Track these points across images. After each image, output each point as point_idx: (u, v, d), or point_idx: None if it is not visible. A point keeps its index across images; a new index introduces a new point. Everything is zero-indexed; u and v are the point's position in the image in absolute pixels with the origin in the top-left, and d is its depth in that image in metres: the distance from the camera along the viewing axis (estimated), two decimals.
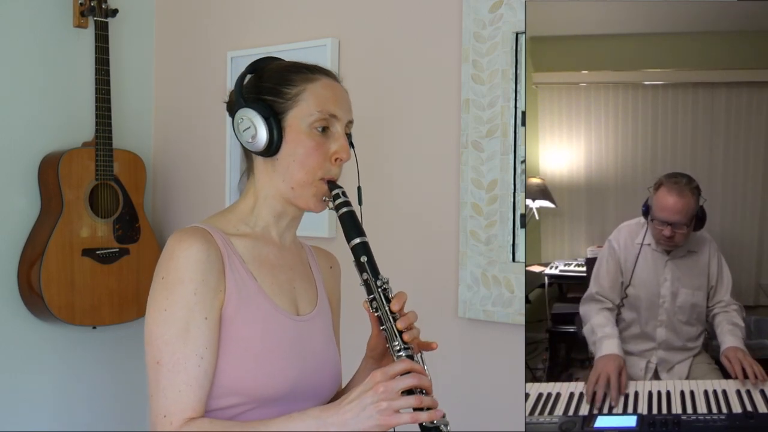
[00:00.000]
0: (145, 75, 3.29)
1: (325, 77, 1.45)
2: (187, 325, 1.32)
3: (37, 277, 2.81)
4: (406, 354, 1.34)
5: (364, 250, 1.40)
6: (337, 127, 1.43)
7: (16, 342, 2.92)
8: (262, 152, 1.42)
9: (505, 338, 2.25)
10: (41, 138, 2.97)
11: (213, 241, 1.37)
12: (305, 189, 1.42)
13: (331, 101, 1.42)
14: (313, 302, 1.51)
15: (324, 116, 1.41)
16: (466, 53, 2.31)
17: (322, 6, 2.73)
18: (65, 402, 3.04)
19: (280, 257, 1.48)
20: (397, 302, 1.38)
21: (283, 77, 1.43)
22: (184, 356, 1.31)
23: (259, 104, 1.41)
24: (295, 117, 1.41)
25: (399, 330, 1.36)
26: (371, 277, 1.38)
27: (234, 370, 1.36)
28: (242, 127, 1.42)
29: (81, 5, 2.98)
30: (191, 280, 1.33)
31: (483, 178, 2.28)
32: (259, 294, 1.41)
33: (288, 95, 1.41)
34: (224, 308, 1.36)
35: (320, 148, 1.41)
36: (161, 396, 1.31)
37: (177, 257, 1.33)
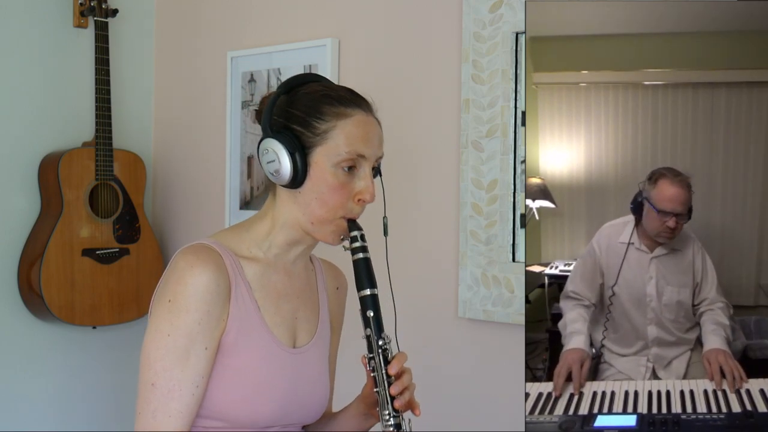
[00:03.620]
0: (145, 75, 3.29)
1: (358, 112, 1.40)
2: (188, 354, 1.31)
3: (37, 277, 2.81)
4: (393, 422, 1.35)
5: (372, 304, 1.38)
6: (365, 167, 1.40)
7: (16, 342, 2.92)
8: (285, 185, 1.39)
9: (505, 338, 2.26)
10: (41, 138, 2.97)
11: (223, 267, 1.35)
12: (324, 226, 1.39)
13: (360, 141, 1.38)
14: (312, 332, 1.50)
15: (352, 157, 1.37)
16: (466, 53, 2.31)
17: (322, 6, 2.73)
18: (65, 402, 3.04)
19: (287, 285, 1.46)
20: (395, 366, 1.36)
21: (315, 108, 1.38)
22: (180, 384, 1.31)
23: (286, 136, 1.36)
24: (321, 154, 1.36)
25: (392, 397, 1.35)
26: (374, 335, 1.37)
27: (223, 397, 1.36)
28: (266, 159, 1.38)
29: (81, 5, 2.98)
30: (197, 310, 1.31)
31: (483, 178, 2.28)
32: (261, 325, 1.40)
33: (317, 130, 1.37)
34: (224, 336, 1.36)
35: (345, 187, 1.38)
36: (150, 417, 1.31)
37: (186, 284, 1.31)
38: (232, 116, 2.95)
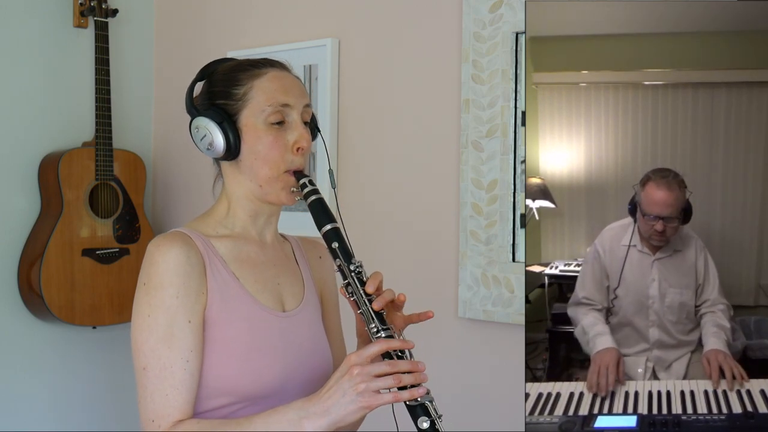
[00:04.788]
0: (145, 75, 3.29)
1: (271, 69, 1.44)
2: (171, 330, 1.32)
3: (37, 277, 2.81)
4: (385, 335, 1.32)
5: (335, 236, 1.38)
6: (293, 116, 1.42)
7: (16, 342, 2.92)
8: (224, 157, 1.42)
9: (505, 338, 2.26)
10: (41, 138, 2.97)
11: (193, 244, 1.38)
12: (273, 184, 1.41)
13: (280, 92, 1.41)
14: (299, 297, 1.51)
15: (276, 109, 1.40)
16: (466, 53, 2.31)
17: (322, 6, 2.73)
18: (65, 402, 3.04)
19: (262, 255, 1.48)
20: (372, 283, 1.35)
21: (231, 78, 1.43)
22: (170, 360, 1.32)
23: (211, 110, 1.41)
24: (248, 116, 1.40)
25: (375, 311, 1.34)
26: (344, 263, 1.37)
27: (221, 370, 1.36)
28: (198, 136, 1.42)
29: (81, 5, 2.98)
30: (171, 284, 1.33)
31: (483, 178, 2.28)
32: (242, 294, 1.41)
33: (237, 95, 1.41)
34: (207, 310, 1.37)
35: (279, 140, 1.40)
36: (149, 401, 1.32)
37: (156, 262, 1.35)
38: None
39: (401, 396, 1.26)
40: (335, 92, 2.65)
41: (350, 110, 2.63)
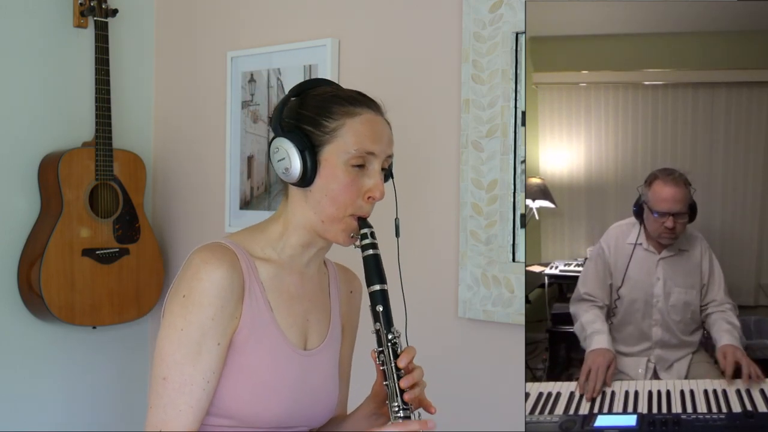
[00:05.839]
0: (145, 75, 3.29)
1: (367, 111, 1.42)
2: (200, 349, 1.32)
3: (37, 277, 2.81)
4: (404, 414, 1.34)
5: (381, 299, 1.39)
6: (374, 165, 1.40)
7: (16, 342, 2.92)
8: (296, 183, 1.41)
9: (505, 338, 2.26)
10: (41, 138, 2.97)
11: (237, 265, 1.37)
12: (335, 224, 1.40)
13: (369, 139, 1.39)
14: (323, 334, 1.50)
15: (360, 154, 1.38)
16: (466, 53, 2.31)
17: (322, 6, 2.73)
18: (65, 402, 3.04)
19: (300, 287, 1.47)
20: (405, 358, 1.37)
21: (324, 108, 1.40)
22: (192, 378, 1.32)
23: (296, 135, 1.39)
24: (331, 152, 1.38)
25: (401, 389, 1.35)
26: (383, 329, 1.38)
27: (233, 395, 1.37)
28: (277, 157, 1.40)
29: (81, 5, 2.98)
30: (211, 305, 1.32)
31: (483, 178, 2.28)
32: (272, 325, 1.41)
33: (327, 129, 1.39)
34: (236, 334, 1.37)
35: (354, 185, 1.39)
36: (161, 410, 1.32)
37: (201, 279, 1.33)
38: (232, 116, 2.95)
39: None
40: None
41: None
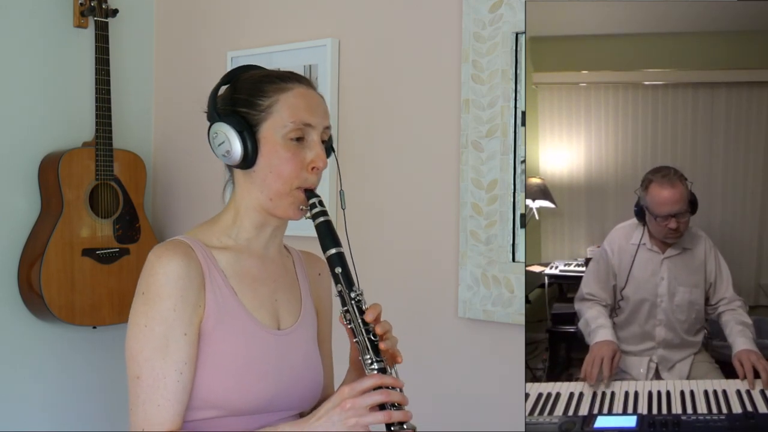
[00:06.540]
0: (145, 75, 3.29)
1: (298, 85, 1.44)
2: (167, 341, 1.33)
3: (37, 277, 2.81)
4: (378, 367, 1.35)
5: (339, 261, 1.40)
6: (313, 136, 1.43)
7: (16, 342, 2.92)
8: (239, 165, 1.42)
9: (505, 338, 2.26)
10: (41, 138, 2.97)
11: (194, 256, 1.38)
12: (283, 199, 1.42)
13: (304, 110, 1.42)
14: (295, 314, 1.51)
15: (298, 126, 1.40)
16: (466, 53, 2.31)
17: (322, 6, 2.73)
18: (65, 402, 3.04)
19: (262, 269, 1.48)
20: (371, 313, 1.38)
21: (257, 88, 1.43)
22: (163, 372, 1.33)
23: (233, 117, 1.41)
24: (269, 128, 1.41)
25: (371, 342, 1.36)
26: (345, 289, 1.39)
27: (212, 384, 1.37)
28: (216, 142, 1.42)
29: (81, 5, 2.98)
30: (170, 296, 1.34)
31: (483, 178, 2.28)
32: (239, 309, 1.41)
33: (261, 107, 1.41)
34: (203, 323, 1.37)
35: (296, 157, 1.41)
36: (140, 410, 1.34)
37: (156, 273, 1.35)
38: None
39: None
40: (335, 92, 2.65)
41: (350, 110, 2.63)
